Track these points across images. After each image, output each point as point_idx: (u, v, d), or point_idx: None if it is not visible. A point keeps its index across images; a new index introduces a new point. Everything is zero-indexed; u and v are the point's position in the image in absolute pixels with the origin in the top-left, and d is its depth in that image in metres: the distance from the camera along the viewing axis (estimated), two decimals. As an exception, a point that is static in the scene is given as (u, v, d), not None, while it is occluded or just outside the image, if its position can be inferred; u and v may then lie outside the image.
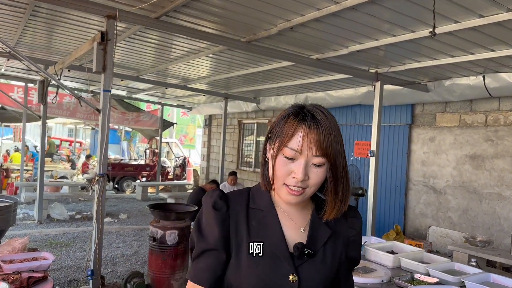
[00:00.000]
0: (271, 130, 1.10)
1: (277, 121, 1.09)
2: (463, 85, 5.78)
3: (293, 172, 1.03)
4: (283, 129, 1.05)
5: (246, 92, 9.16)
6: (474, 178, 6.28)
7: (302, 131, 1.02)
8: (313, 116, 1.04)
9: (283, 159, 1.04)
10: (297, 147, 1.02)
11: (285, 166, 1.04)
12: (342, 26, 4.07)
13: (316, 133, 1.02)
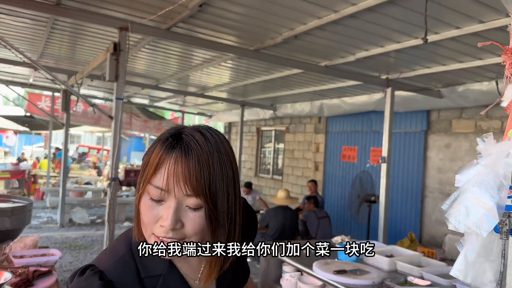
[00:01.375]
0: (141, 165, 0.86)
1: (147, 150, 0.86)
2: (476, 91, 5.71)
3: (161, 219, 0.79)
4: (149, 161, 0.82)
5: (263, 99, 9.30)
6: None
7: (168, 163, 0.78)
8: (186, 142, 0.80)
9: (148, 201, 0.80)
10: (162, 185, 0.78)
11: (151, 211, 0.80)
12: (345, 33, 4.14)
13: (186, 165, 0.78)
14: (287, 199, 6.12)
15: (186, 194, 0.77)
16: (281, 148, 11.02)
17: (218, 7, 3.73)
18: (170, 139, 0.81)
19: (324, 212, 6.35)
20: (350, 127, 8.61)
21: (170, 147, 0.80)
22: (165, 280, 0.85)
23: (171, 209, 0.77)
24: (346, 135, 8.78)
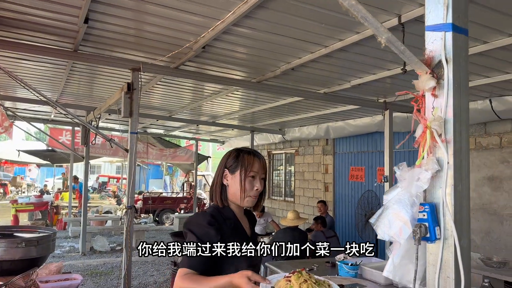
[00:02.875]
0: (231, 165, 1.77)
1: (233, 158, 1.79)
2: (472, 110, 5.93)
3: (255, 186, 1.73)
4: (245, 162, 1.74)
5: (272, 124, 9.66)
6: (493, 200, 6.30)
7: (257, 160, 1.76)
8: (254, 152, 1.81)
9: (249, 179, 1.73)
10: (257, 170, 1.74)
11: (250, 184, 1.73)
12: (338, 64, 4.49)
13: (263, 161, 1.79)
14: (296, 220, 6.34)
15: (262, 173, 1.76)
16: (292, 170, 11.29)
17: (219, 47, 4.14)
18: (250, 150, 1.80)
19: (332, 232, 6.56)
20: (357, 148, 8.86)
21: (252, 154, 1.77)
22: (236, 222, 1.78)
23: (259, 181, 1.75)
24: (353, 156, 9.02)
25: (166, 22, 3.53)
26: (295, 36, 3.70)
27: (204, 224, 1.63)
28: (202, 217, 1.69)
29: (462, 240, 1.12)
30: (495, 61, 4.13)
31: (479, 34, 3.48)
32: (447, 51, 1.14)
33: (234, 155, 1.78)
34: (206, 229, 1.62)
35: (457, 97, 1.15)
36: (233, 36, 3.79)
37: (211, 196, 1.84)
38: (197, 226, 1.64)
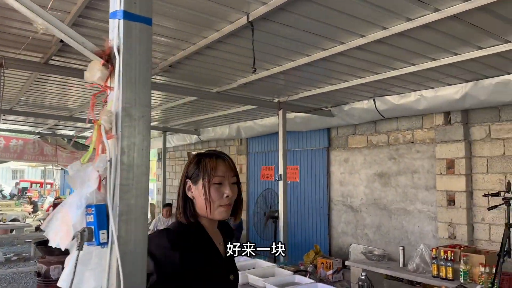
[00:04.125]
0: (192, 174, 1.51)
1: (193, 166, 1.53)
2: (359, 109, 6.19)
3: (225, 193, 1.47)
4: (206, 167, 1.49)
5: (186, 124, 9.46)
6: (383, 195, 6.61)
7: (222, 163, 1.50)
8: (221, 154, 1.55)
9: (215, 186, 1.46)
10: (223, 173, 1.48)
11: (218, 192, 1.46)
12: (224, 57, 4.28)
13: (230, 162, 1.53)
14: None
15: (231, 176, 1.51)
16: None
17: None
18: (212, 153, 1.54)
19: (229, 232, 6.51)
20: (267, 148, 8.94)
21: (217, 157, 1.51)
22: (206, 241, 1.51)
23: (228, 186, 1.48)
24: (264, 155, 9.09)
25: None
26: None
27: (165, 245, 1.36)
28: (165, 235, 1.41)
29: (130, 245, 1.04)
30: (376, 56, 4.05)
31: (357, 28, 3.38)
32: (120, 40, 1.06)
33: (195, 162, 1.53)
34: (167, 252, 1.35)
35: (131, 90, 1.07)
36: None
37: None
38: (157, 247, 1.33)
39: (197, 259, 1.41)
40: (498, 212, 5.17)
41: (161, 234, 1.46)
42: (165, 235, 1.43)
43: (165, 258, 1.34)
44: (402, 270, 4.78)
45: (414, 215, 6.15)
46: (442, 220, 5.65)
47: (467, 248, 4.58)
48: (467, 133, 5.48)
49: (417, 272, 4.56)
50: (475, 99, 4.83)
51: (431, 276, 4.41)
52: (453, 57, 3.94)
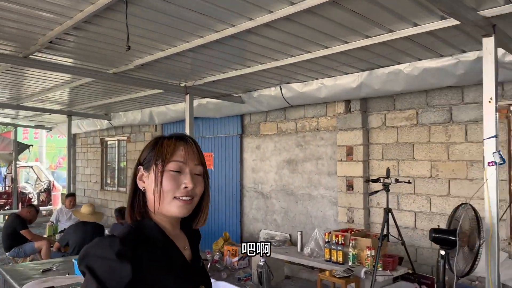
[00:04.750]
0: (144, 159, 1.17)
1: (148, 149, 1.19)
2: (267, 96, 6.17)
3: (184, 183, 1.12)
4: (161, 150, 1.15)
5: (94, 108, 8.84)
6: (291, 181, 6.71)
7: (182, 146, 1.16)
8: (184, 137, 1.20)
9: (171, 173, 1.13)
10: (182, 159, 1.14)
11: (173, 180, 1.12)
12: (101, 39, 4.03)
13: (194, 147, 1.18)
14: (91, 215, 5.84)
15: (195, 164, 1.16)
16: (125, 158, 10.65)
17: None
18: (173, 135, 1.19)
19: (133, 222, 6.21)
20: (181, 134, 8.67)
21: (177, 138, 1.17)
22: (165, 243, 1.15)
23: (189, 175, 1.14)
24: (178, 142, 8.81)
25: None
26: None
27: (110, 257, 1.02)
28: (108, 244, 1.05)
29: None
30: (272, 42, 3.98)
31: (245, 11, 3.23)
32: None
33: (151, 144, 1.20)
34: (114, 265, 1.02)
35: None
36: None
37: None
38: (99, 261, 1.03)
39: (156, 269, 1.08)
40: (391, 196, 5.47)
41: (103, 242, 1.06)
42: (108, 242, 1.05)
43: (111, 274, 1.01)
44: (299, 254, 4.86)
45: (317, 200, 6.32)
46: (342, 204, 5.86)
47: (357, 232, 4.77)
48: (365, 121, 5.70)
49: (311, 257, 4.66)
50: (370, 88, 4.99)
51: (324, 260, 4.53)
52: (344, 45, 4.00)
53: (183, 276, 1.15)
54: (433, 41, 3.79)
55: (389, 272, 4.12)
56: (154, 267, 1.07)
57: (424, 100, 5.17)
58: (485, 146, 3.13)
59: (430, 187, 5.12)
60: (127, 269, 1.00)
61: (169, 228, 1.17)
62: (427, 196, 5.13)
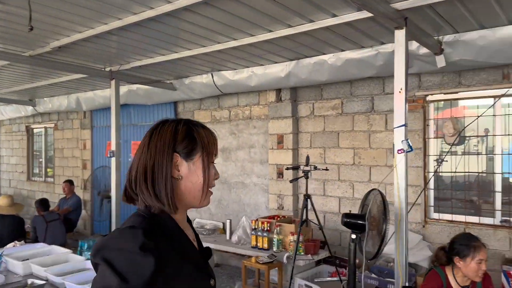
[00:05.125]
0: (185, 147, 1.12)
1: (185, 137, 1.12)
2: (199, 83, 6.06)
3: (216, 175, 1.19)
4: (204, 140, 1.14)
5: (17, 92, 8.18)
6: (224, 170, 6.69)
7: (215, 137, 1.19)
8: (204, 126, 1.19)
9: (212, 165, 1.17)
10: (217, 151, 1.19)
11: (212, 172, 1.16)
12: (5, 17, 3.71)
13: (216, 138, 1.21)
14: (10, 207, 5.46)
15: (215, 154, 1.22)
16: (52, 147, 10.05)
17: None
18: (199, 123, 1.19)
19: (55, 215, 5.90)
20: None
21: (205, 129, 1.19)
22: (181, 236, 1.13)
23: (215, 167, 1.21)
24: (109, 130, 8.41)
25: None
26: None
27: (133, 250, 0.95)
28: (131, 236, 0.98)
29: None
30: (195, 27, 3.86)
31: None
32: None
33: (185, 131, 1.13)
34: (136, 258, 0.94)
35: None
36: None
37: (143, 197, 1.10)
38: (119, 254, 0.95)
39: (176, 262, 1.04)
40: (318, 183, 5.64)
41: (125, 234, 1.01)
42: (131, 234, 0.99)
43: (133, 268, 0.94)
44: (227, 242, 4.87)
45: (250, 188, 6.37)
46: (273, 192, 5.95)
47: (283, 218, 4.87)
48: (295, 110, 5.79)
49: (239, 244, 4.69)
50: (298, 78, 5.07)
51: (250, 247, 4.58)
52: (269, 34, 3.99)
53: (199, 268, 1.13)
54: (352, 32, 3.90)
55: (310, 256, 4.26)
56: (174, 259, 1.03)
57: (348, 90, 5.35)
58: (395, 135, 3.27)
59: (353, 173, 5.33)
60: (150, 262, 0.94)
61: (181, 220, 1.16)
62: (351, 182, 5.35)
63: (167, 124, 1.16)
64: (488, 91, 4.40)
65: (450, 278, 2.59)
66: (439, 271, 2.63)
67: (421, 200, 4.78)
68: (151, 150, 1.11)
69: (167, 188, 1.08)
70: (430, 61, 4.06)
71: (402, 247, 3.27)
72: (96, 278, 0.97)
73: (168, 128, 1.14)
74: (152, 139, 1.13)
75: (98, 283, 0.96)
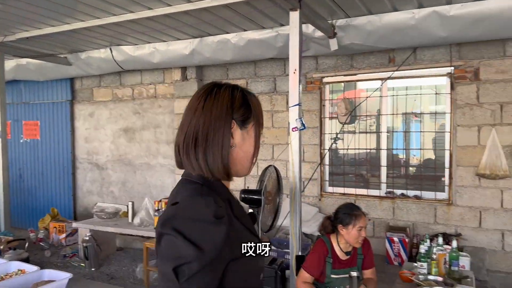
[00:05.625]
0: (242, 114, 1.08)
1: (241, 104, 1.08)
2: (97, 58, 5.67)
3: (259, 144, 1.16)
4: (256, 110, 1.11)
5: None
6: (128, 151, 6.43)
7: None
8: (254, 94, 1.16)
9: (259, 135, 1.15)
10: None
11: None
12: None
13: None
14: None
15: None
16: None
17: None
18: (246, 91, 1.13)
19: None
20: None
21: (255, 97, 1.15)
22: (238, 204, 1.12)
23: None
24: None
25: None
26: None
27: (207, 219, 0.91)
28: (204, 205, 0.94)
29: None
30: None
31: None
32: None
33: (241, 98, 1.09)
34: (209, 228, 0.90)
35: None
36: None
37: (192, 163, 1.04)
38: (192, 223, 0.91)
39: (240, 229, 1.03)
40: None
41: (197, 203, 0.97)
42: (204, 203, 0.96)
43: (206, 237, 0.91)
44: (130, 225, 4.73)
45: (156, 170, 6.22)
46: (179, 172, 5.86)
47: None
48: (200, 89, 5.73)
49: (142, 226, 4.58)
50: (202, 56, 5.00)
51: (154, 228, 4.49)
52: (167, 8, 3.85)
53: (253, 233, 1.10)
54: (252, 11, 3.93)
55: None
56: (236, 225, 1.02)
57: (253, 71, 5.43)
58: (290, 114, 3.39)
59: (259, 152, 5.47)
60: (222, 230, 0.93)
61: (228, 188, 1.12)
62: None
63: (222, 88, 1.09)
64: (377, 74, 4.79)
65: (334, 245, 2.81)
66: (325, 239, 2.83)
67: (317, 175, 5.09)
68: (205, 114, 1.04)
69: (223, 155, 1.04)
70: (325, 44, 4.28)
71: (296, 219, 3.46)
72: (164, 248, 0.93)
73: (225, 93, 1.08)
74: (207, 102, 1.06)
75: (169, 253, 0.92)
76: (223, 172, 1.05)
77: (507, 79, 4.10)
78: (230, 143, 1.05)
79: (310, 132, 5.05)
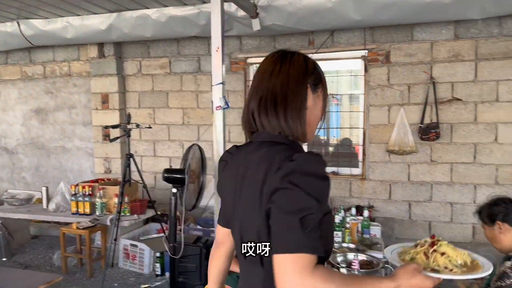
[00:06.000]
0: (315, 79, 1.13)
1: (314, 69, 1.14)
2: (2, 32, 5.12)
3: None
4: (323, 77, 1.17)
5: None
6: (41, 134, 5.98)
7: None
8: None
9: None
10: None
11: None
12: None
13: None
14: None
15: None
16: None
17: None
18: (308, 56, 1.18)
19: None
20: None
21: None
22: None
23: None
24: None
25: None
26: None
27: (321, 174, 0.99)
28: (318, 161, 1.00)
29: None
30: None
31: None
32: None
33: (313, 64, 1.15)
34: (321, 183, 0.98)
35: None
36: None
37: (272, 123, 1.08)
38: (308, 178, 0.97)
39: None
40: (148, 144, 5.55)
41: (313, 159, 1.01)
42: (318, 160, 1.01)
43: (321, 191, 0.98)
44: (44, 211, 4.44)
45: (72, 153, 5.87)
46: (99, 155, 5.61)
47: (108, 181, 4.67)
48: (120, 67, 5.48)
49: (58, 212, 4.32)
50: (121, 32, 4.76)
51: (71, 213, 4.27)
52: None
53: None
54: (172, -14, 3.81)
55: (136, 216, 4.22)
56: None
57: (176, 49, 5.30)
58: (214, 92, 3.37)
59: (183, 133, 5.40)
60: (329, 185, 1.00)
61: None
62: (180, 141, 5.42)
63: (295, 54, 1.14)
64: (298, 55, 4.92)
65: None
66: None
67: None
68: (282, 76, 1.09)
69: (301, 117, 1.07)
70: (248, 24, 4.29)
71: (218, 198, 3.51)
72: (284, 201, 0.96)
73: (299, 57, 1.13)
74: (283, 66, 1.10)
75: (291, 205, 0.95)
76: (301, 132, 1.09)
77: (414, 62, 4.46)
78: (306, 104, 1.10)
79: (235, 112, 5.08)
